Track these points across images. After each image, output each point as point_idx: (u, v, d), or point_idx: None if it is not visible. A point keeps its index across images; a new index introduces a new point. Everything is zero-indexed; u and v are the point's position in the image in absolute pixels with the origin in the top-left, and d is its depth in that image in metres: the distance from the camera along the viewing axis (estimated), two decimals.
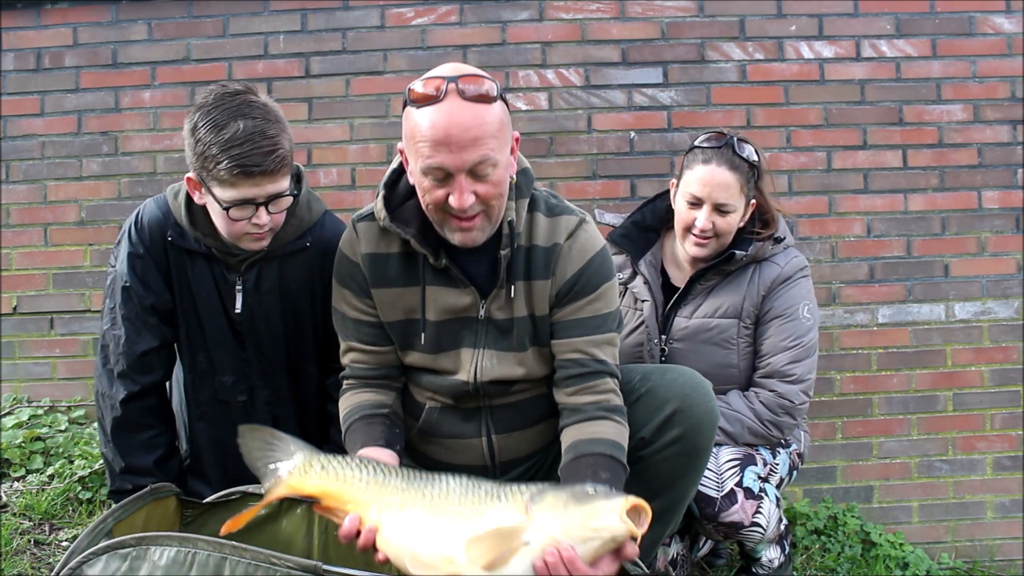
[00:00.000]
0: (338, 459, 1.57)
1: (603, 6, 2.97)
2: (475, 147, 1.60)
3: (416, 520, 1.50)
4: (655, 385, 1.84)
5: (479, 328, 1.79)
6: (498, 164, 1.64)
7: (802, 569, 2.63)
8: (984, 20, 3.00)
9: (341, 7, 2.96)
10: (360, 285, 1.81)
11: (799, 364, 2.23)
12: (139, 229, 2.02)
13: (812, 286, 2.32)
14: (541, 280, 1.78)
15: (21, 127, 2.98)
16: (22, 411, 2.84)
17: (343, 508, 1.53)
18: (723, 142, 2.20)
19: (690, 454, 1.83)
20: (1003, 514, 2.96)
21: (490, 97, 1.62)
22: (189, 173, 1.88)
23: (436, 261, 1.74)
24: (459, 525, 1.47)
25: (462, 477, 1.52)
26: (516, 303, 1.79)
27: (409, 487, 1.53)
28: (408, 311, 1.80)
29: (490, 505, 1.49)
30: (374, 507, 1.52)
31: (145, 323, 2.01)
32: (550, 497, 1.47)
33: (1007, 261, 2.99)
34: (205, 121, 1.80)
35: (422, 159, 1.63)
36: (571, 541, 1.42)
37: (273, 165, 1.78)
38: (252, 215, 1.84)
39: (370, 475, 1.55)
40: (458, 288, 1.77)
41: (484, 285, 1.77)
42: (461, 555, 1.45)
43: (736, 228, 2.24)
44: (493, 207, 1.69)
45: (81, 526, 2.41)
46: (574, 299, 1.79)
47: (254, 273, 2.03)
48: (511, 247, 1.74)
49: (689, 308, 2.30)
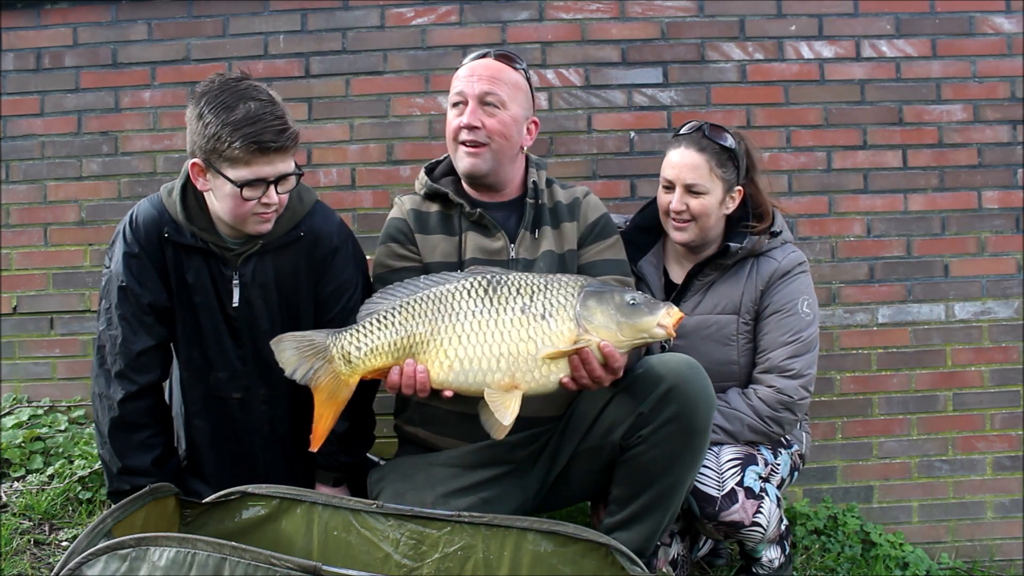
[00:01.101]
0: (365, 332, 1.80)
1: (603, 6, 2.97)
2: (488, 82, 2.05)
3: (477, 358, 1.75)
4: (651, 366, 1.93)
5: (509, 267, 2.04)
6: (506, 107, 2.06)
7: (802, 569, 2.63)
8: (984, 20, 2.99)
9: (341, 7, 2.96)
10: (406, 235, 2.13)
11: (798, 359, 2.23)
12: (134, 228, 2.02)
13: (811, 282, 2.33)
14: (568, 223, 2.16)
15: (21, 127, 2.98)
16: (22, 411, 2.84)
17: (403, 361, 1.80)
18: (695, 127, 2.29)
19: (687, 433, 1.88)
20: (1003, 514, 2.96)
21: (513, 62, 2.11)
22: (193, 160, 1.91)
23: (471, 209, 2.08)
24: (520, 357, 1.73)
25: (501, 295, 1.77)
26: (542, 243, 2.12)
27: (453, 322, 1.76)
28: (446, 255, 2.10)
29: (542, 327, 1.73)
30: (431, 352, 1.77)
31: (142, 322, 2.01)
32: (599, 314, 1.74)
33: (1007, 261, 2.99)
34: (214, 104, 1.85)
35: (452, 93, 2.10)
36: (619, 347, 1.74)
37: (286, 142, 1.89)
38: (262, 195, 1.90)
39: (405, 326, 1.78)
40: (491, 234, 2.10)
41: (513, 232, 2.12)
42: (529, 378, 1.74)
43: (713, 212, 2.26)
44: (496, 143, 2.06)
45: (81, 526, 2.41)
46: (597, 239, 2.16)
47: (250, 267, 2.04)
48: (535, 200, 2.13)
49: (689, 305, 2.31)
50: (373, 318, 1.81)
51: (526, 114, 2.13)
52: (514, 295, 1.76)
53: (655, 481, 1.92)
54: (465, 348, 1.74)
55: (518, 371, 1.73)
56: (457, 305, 1.77)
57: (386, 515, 1.81)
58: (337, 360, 1.80)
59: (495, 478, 2.03)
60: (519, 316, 1.74)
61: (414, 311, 1.79)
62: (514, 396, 1.73)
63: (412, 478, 1.98)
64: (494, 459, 2.02)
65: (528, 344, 1.73)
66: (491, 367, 1.74)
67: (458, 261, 2.10)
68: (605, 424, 1.99)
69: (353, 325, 1.83)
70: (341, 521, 1.83)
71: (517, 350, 1.73)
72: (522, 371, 1.73)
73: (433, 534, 1.79)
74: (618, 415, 1.95)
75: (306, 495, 1.86)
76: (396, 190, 2.89)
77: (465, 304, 1.76)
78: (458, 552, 1.77)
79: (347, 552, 1.80)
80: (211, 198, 1.97)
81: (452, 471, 2.00)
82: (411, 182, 2.92)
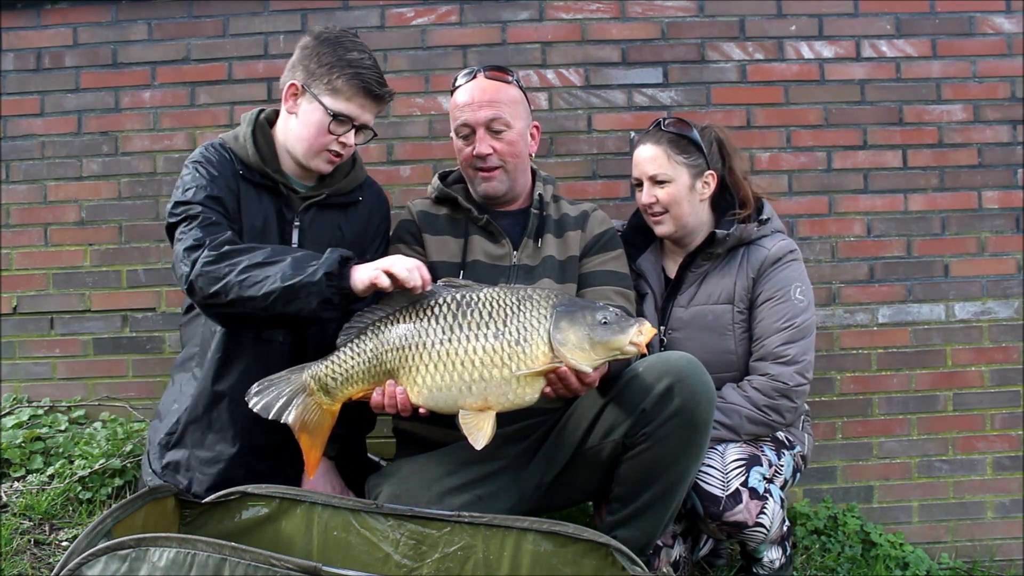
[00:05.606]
0: (339, 362, 1.83)
1: (603, 6, 2.97)
2: (490, 107, 2.13)
3: (446, 385, 1.76)
4: (650, 363, 1.96)
5: (511, 272, 2.14)
6: (511, 127, 2.14)
7: (802, 569, 2.63)
8: (984, 20, 2.99)
9: (341, 7, 2.96)
10: (413, 235, 2.22)
11: (793, 345, 2.23)
12: (207, 158, 2.06)
13: (804, 269, 2.35)
14: (573, 231, 2.23)
15: (21, 127, 2.98)
16: (22, 411, 2.84)
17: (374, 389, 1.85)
18: (653, 124, 2.40)
19: (690, 428, 1.90)
20: (1003, 514, 2.96)
21: (505, 76, 2.19)
22: (292, 81, 2.05)
23: (479, 215, 2.17)
24: (492, 381, 1.74)
25: (471, 320, 1.78)
26: (544, 251, 2.18)
27: (421, 350, 1.78)
28: (452, 255, 2.17)
29: (516, 352, 1.74)
30: (402, 377, 1.79)
31: (222, 223, 1.97)
32: (572, 335, 1.74)
33: (1007, 261, 2.99)
34: (332, 43, 2.04)
35: (455, 122, 2.19)
36: (592, 365, 1.75)
37: (385, 94, 2.09)
38: (344, 134, 2.06)
39: (376, 354, 1.81)
40: (496, 240, 2.18)
41: (517, 239, 2.19)
42: (503, 400, 1.75)
43: (683, 199, 2.31)
44: (509, 163, 2.16)
45: (81, 526, 2.41)
46: (602, 250, 2.22)
47: (310, 215, 2.14)
48: (540, 211, 2.20)
49: (685, 297, 2.35)
50: (345, 347, 1.84)
51: (528, 124, 2.23)
52: (485, 319, 1.77)
53: (658, 478, 1.93)
54: (433, 376, 1.76)
55: (491, 394, 1.75)
56: (424, 332, 1.78)
57: (386, 515, 1.81)
58: (317, 392, 1.83)
59: (490, 475, 2.03)
60: (491, 343, 1.74)
61: (384, 339, 1.81)
62: (488, 417, 1.75)
63: (407, 480, 1.98)
64: (488, 455, 2.01)
65: (502, 369, 1.75)
66: (463, 392, 1.76)
67: (462, 263, 2.15)
68: (605, 425, 1.99)
69: (327, 356, 1.85)
70: (341, 521, 1.83)
71: (490, 375, 1.75)
72: (495, 394, 1.75)
73: (433, 534, 1.79)
74: (619, 415, 1.96)
75: (306, 495, 1.86)
76: (396, 190, 2.89)
77: (432, 332, 1.78)
78: (458, 552, 1.77)
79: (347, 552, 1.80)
80: (288, 126, 2.10)
81: (446, 469, 2.01)
82: (411, 182, 2.93)
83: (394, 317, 1.83)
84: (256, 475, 1.95)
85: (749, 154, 2.91)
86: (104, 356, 2.95)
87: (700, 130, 2.35)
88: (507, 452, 2.06)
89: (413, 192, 2.88)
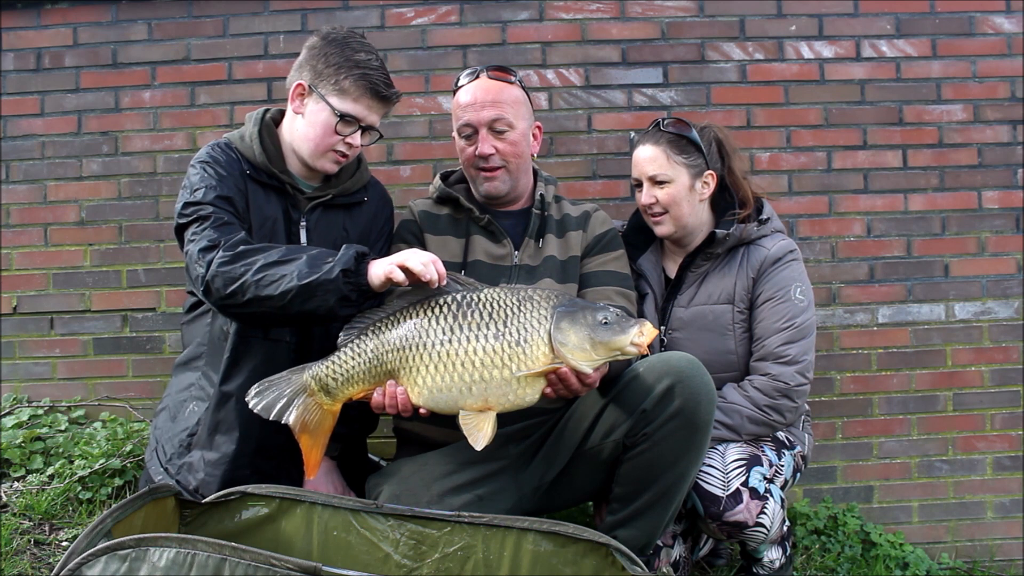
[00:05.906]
0: (339, 362, 1.82)
1: (603, 6, 2.97)
2: (493, 107, 2.13)
3: (446, 386, 1.76)
4: (651, 364, 1.96)
5: (512, 272, 2.15)
6: (514, 127, 2.15)
7: (802, 569, 2.63)
8: (984, 20, 2.99)
9: (341, 7, 2.96)
10: (415, 235, 2.22)
11: (793, 345, 2.23)
12: (215, 158, 2.05)
13: (804, 269, 2.35)
14: (574, 231, 2.23)
15: (21, 127, 2.98)
16: (22, 411, 2.84)
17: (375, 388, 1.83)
18: (651, 124, 2.39)
19: (691, 428, 1.90)
20: (1003, 514, 2.96)
21: (508, 76, 2.19)
22: (299, 81, 2.05)
23: (480, 215, 2.17)
24: (493, 382, 1.74)
25: (471, 321, 1.77)
26: (545, 251, 2.18)
27: (421, 351, 1.77)
28: (453, 255, 2.16)
29: (516, 352, 1.74)
30: (403, 377, 1.79)
31: (233, 222, 1.97)
32: (572, 335, 1.73)
33: (1007, 261, 2.99)
34: (340, 43, 2.05)
35: (457, 122, 2.19)
36: (593, 365, 1.75)
37: (392, 96, 2.10)
38: (350, 134, 2.06)
39: (376, 354, 1.80)
40: (497, 240, 2.18)
41: (518, 240, 2.19)
42: (504, 400, 1.75)
43: (683, 199, 2.31)
44: (512, 163, 2.17)
45: (81, 526, 2.41)
46: (603, 251, 2.22)
47: (316, 216, 2.14)
48: (541, 211, 2.20)
49: (685, 297, 2.35)
50: (346, 348, 1.83)
51: (530, 124, 2.23)
52: (486, 319, 1.77)
53: (659, 478, 1.93)
54: (433, 377, 1.76)
55: (491, 395, 1.75)
56: (425, 333, 1.78)
57: (386, 515, 1.81)
58: (318, 392, 1.83)
59: (490, 475, 2.03)
60: (492, 343, 1.74)
61: (385, 339, 1.81)
62: (488, 417, 1.75)
63: (407, 480, 1.98)
64: (488, 455, 2.01)
65: (503, 370, 1.74)
66: (464, 392, 1.76)
67: (463, 262, 2.15)
68: (606, 425, 1.99)
69: (328, 356, 1.85)
70: (341, 521, 1.83)
71: (491, 375, 1.74)
72: (496, 395, 1.75)
73: (433, 534, 1.79)
74: (619, 415, 1.96)
75: (306, 495, 1.85)
76: (396, 190, 2.88)
77: (433, 332, 1.77)
78: (458, 552, 1.77)
79: (347, 552, 1.80)
80: (295, 126, 2.10)
81: (446, 469, 2.01)
82: (411, 182, 2.93)
83: (395, 318, 1.82)
84: (262, 475, 1.95)
85: (749, 154, 2.91)
86: (104, 356, 2.95)
87: (699, 130, 2.35)
88: (507, 452, 2.06)
89: (413, 192, 2.88)
